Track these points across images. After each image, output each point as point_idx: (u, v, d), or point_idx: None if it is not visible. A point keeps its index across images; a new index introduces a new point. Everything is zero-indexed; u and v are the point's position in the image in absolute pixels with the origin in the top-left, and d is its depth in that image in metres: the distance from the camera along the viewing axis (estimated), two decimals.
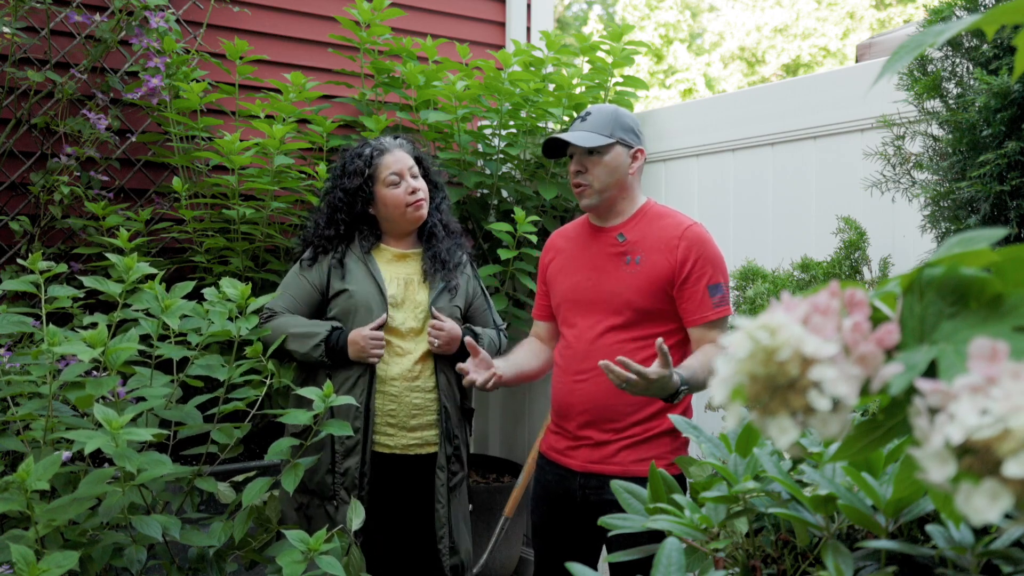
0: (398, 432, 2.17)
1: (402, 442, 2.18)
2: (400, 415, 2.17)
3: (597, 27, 15.63)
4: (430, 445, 2.21)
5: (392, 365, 2.18)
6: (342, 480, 2.12)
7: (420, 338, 2.22)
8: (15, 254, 2.68)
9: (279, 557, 1.52)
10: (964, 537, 0.61)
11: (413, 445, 2.19)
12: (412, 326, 2.21)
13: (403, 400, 2.17)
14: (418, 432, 2.19)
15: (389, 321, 2.18)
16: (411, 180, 2.22)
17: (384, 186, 2.21)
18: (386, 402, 2.16)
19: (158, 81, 2.59)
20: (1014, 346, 0.42)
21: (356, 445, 2.13)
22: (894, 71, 0.54)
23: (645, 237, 1.96)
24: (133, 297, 1.71)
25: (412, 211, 2.22)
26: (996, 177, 1.49)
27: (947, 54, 1.65)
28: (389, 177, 2.20)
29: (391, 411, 2.17)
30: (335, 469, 2.13)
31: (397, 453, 2.18)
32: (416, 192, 2.22)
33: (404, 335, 2.20)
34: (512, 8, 3.74)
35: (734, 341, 0.46)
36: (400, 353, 2.19)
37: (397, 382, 2.17)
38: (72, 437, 1.42)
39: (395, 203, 2.21)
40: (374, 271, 2.20)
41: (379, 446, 2.17)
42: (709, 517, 0.74)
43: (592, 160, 1.96)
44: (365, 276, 2.19)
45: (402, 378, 2.17)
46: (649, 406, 1.92)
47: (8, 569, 1.31)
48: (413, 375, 2.19)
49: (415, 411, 2.18)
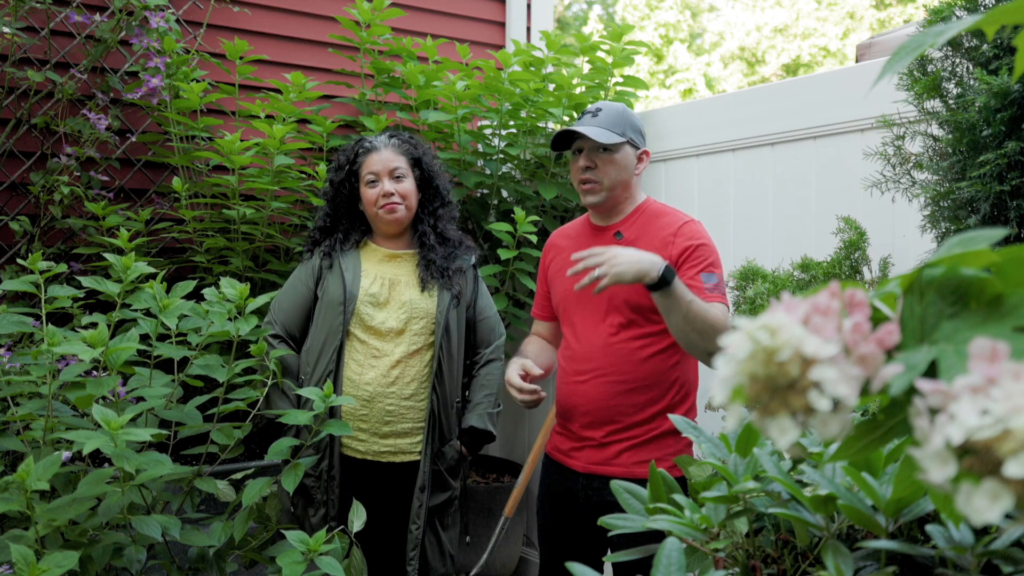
0: (370, 438, 2.12)
1: (374, 448, 2.13)
2: (372, 420, 2.11)
3: (597, 27, 15.63)
4: (405, 454, 2.15)
5: (367, 368, 2.12)
6: (317, 483, 2.09)
7: (400, 339, 2.15)
8: (15, 254, 2.68)
9: (279, 558, 1.52)
10: (964, 537, 0.61)
11: (386, 452, 2.13)
12: (393, 326, 2.14)
13: (376, 405, 2.11)
14: (391, 439, 2.13)
15: (367, 320, 2.14)
16: (387, 182, 2.17)
17: (363, 185, 2.20)
18: (358, 406, 2.11)
19: (158, 81, 2.59)
20: (1014, 346, 0.42)
21: (325, 448, 2.09)
22: (894, 71, 0.54)
23: (643, 234, 1.96)
24: (132, 297, 1.71)
25: (384, 213, 2.17)
26: (996, 177, 1.49)
27: (947, 54, 1.65)
28: (367, 176, 2.19)
29: (363, 415, 2.11)
30: (311, 472, 2.09)
31: (369, 459, 2.13)
32: (389, 196, 2.16)
33: (383, 335, 2.14)
34: (512, 8, 3.74)
35: (734, 341, 0.46)
36: (377, 355, 2.13)
37: (371, 386, 2.11)
38: (71, 437, 1.42)
39: (368, 203, 2.19)
40: (350, 269, 2.16)
41: (349, 450, 2.13)
42: (709, 517, 0.74)
43: (603, 157, 1.95)
44: (337, 275, 2.16)
45: (376, 382, 2.11)
46: (650, 407, 1.92)
47: (8, 569, 1.31)
48: (389, 380, 2.12)
49: (388, 417, 2.12)
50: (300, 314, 2.20)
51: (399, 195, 2.18)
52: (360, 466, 2.14)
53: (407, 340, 2.15)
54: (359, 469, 2.14)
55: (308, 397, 1.81)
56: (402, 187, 2.19)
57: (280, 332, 2.18)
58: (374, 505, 2.13)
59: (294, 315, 2.20)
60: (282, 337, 2.18)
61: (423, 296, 2.19)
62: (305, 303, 2.20)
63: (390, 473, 2.15)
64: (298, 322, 2.20)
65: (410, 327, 2.16)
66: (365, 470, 2.14)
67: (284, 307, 2.20)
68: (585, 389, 1.95)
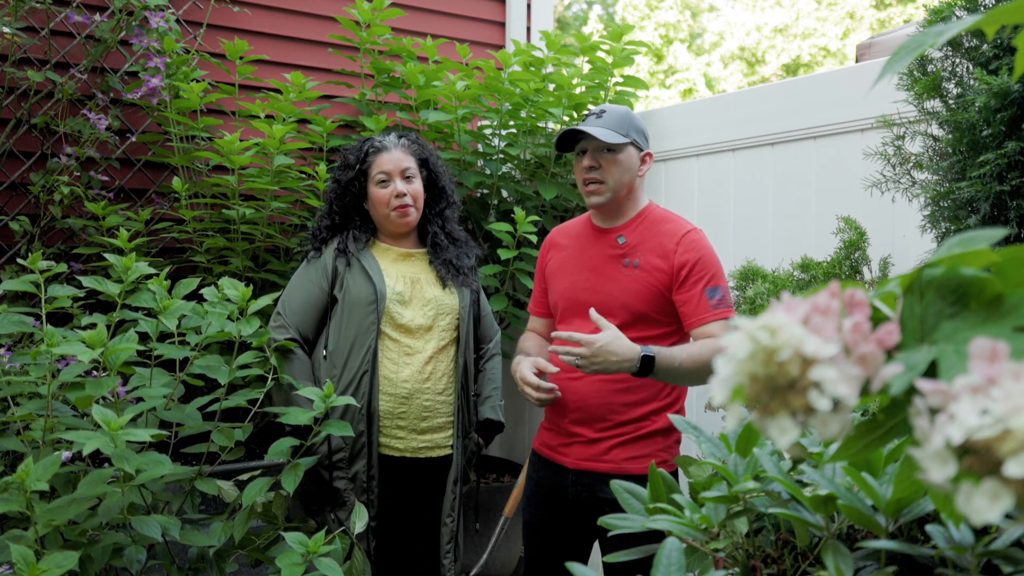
0: (408, 435, 2.13)
1: (412, 445, 2.14)
2: (410, 417, 2.12)
3: (597, 27, 15.63)
4: (440, 448, 2.17)
5: (402, 366, 2.13)
6: (351, 485, 2.08)
7: (430, 335, 2.16)
8: (15, 254, 2.68)
9: (278, 559, 1.52)
10: (964, 537, 0.61)
11: (424, 448, 2.15)
12: (422, 323, 2.16)
13: (414, 402, 2.12)
14: (428, 435, 2.15)
15: (397, 318, 2.14)
16: (400, 183, 2.17)
17: (373, 184, 2.19)
18: (396, 404, 2.11)
19: (158, 81, 2.59)
20: (1014, 346, 0.42)
21: (362, 448, 2.08)
22: (894, 71, 0.54)
23: (645, 240, 1.96)
24: (132, 297, 1.71)
25: (396, 215, 2.17)
26: (996, 177, 1.49)
27: (947, 54, 1.65)
28: (378, 176, 2.18)
29: (401, 413, 2.12)
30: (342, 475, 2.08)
31: (408, 456, 2.14)
32: (402, 196, 2.16)
33: (413, 332, 2.15)
34: (512, 8, 3.74)
35: (734, 341, 0.46)
36: (410, 352, 2.14)
37: (408, 384, 2.12)
38: (71, 438, 1.42)
39: (380, 203, 2.18)
40: (372, 269, 2.16)
41: (388, 449, 2.12)
42: (709, 517, 0.74)
43: (608, 158, 1.95)
44: (361, 274, 2.15)
45: (413, 379, 2.12)
46: (642, 405, 1.93)
47: (8, 569, 1.31)
48: (424, 376, 2.13)
49: (426, 413, 2.14)
50: (314, 315, 2.17)
51: (411, 196, 2.18)
52: (398, 464, 2.14)
53: (436, 336, 2.17)
54: (397, 467, 2.14)
55: (312, 398, 1.81)
56: (413, 188, 2.20)
57: (295, 335, 2.14)
58: (408, 502, 2.17)
59: (307, 317, 2.16)
60: (298, 341, 2.14)
61: (446, 293, 2.22)
62: (319, 304, 2.16)
63: (425, 469, 2.17)
64: (312, 324, 2.17)
65: (437, 323, 2.18)
66: (402, 468, 2.15)
67: (296, 308, 2.16)
68: (578, 386, 1.95)
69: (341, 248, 2.19)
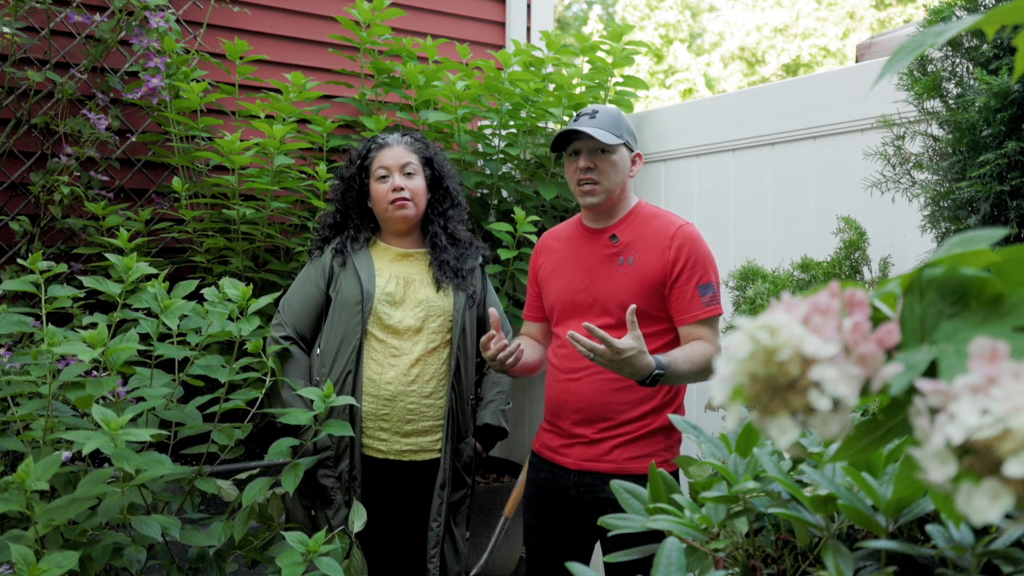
0: (391, 437, 2.11)
1: (395, 447, 2.12)
2: (393, 419, 2.11)
3: (597, 27, 15.63)
4: (427, 452, 2.15)
5: (387, 368, 2.11)
6: (338, 484, 2.09)
7: (419, 337, 2.14)
8: (15, 254, 2.68)
9: (278, 558, 1.52)
10: (964, 537, 0.61)
11: (408, 451, 2.13)
12: (411, 324, 2.14)
13: (397, 404, 2.10)
14: (413, 438, 2.13)
15: (385, 319, 2.13)
16: (398, 178, 2.17)
17: (374, 180, 2.19)
18: (379, 406, 2.10)
19: (158, 81, 2.59)
20: (1014, 346, 0.42)
21: (345, 448, 2.08)
22: (894, 71, 0.54)
23: (638, 238, 1.97)
24: (133, 297, 1.71)
25: (393, 209, 2.16)
26: (996, 177, 1.49)
27: (947, 54, 1.65)
28: (378, 171, 2.18)
29: (384, 415, 2.10)
30: (328, 472, 2.09)
31: (391, 459, 2.13)
32: (400, 190, 2.16)
33: (401, 334, 2.14)
34: (512, 8, 3.74)
35: (734, 341, 0.46)
36: (396, 354, 2.12)
37: (392, 385, 2.10)
38: (71, 437, 1.42)
39: (378, 198, 2.19)
40: (364, 268, 2.15)
41: (371, 450, 2.12)
42: (709, 517, 0.74)
43: (602, 158, 1.96)
44: (352, 274, 2.15)
45: (397, 381, 2.10)
46: (642, 404, 1.93)
47: (8, 569, 1.31)
48: (409, 379, 2.11)
49: (410, 416, 2.11)
50: (311, 314, 2.18)
51: (409, 191, 2.17)
52: (381, 466, 2.13)
53: (425, 338, 2.15)
54: (380, 469, 2.13)
55: (309, 397, 1.81)
56: (412, 184, 2.19)
57: (291, 333, 2.15)
58: (394, 504, 2.15)
59: (305, 315, 2.17)
60: (294, 339, 2.16)
61: (439, 295, 2.19)
62: (316, 303, 2.18)
63: (411, 472, 2.16)
64: (309, 323, 2.18)
65: (427, 325, 2.16)
66: (387, 470, 2.14)
67: (294, 307, 2.18)
68: (578, 387, 1.95)
69: (339, 247, 2.20)
